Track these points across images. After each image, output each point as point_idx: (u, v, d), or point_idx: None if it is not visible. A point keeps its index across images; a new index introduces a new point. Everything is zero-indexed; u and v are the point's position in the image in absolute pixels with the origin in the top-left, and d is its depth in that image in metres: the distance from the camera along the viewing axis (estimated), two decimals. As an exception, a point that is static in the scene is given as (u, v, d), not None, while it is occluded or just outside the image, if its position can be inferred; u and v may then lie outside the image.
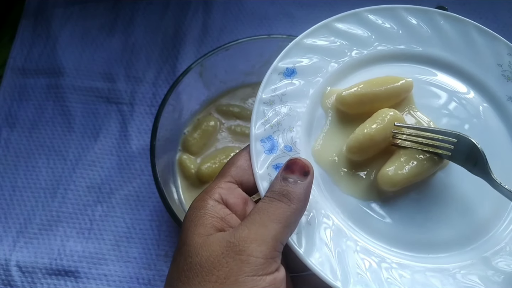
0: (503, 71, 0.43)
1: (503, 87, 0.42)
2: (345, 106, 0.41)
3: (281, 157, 0.38)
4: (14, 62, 0.67)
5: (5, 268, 0.57)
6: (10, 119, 0.64)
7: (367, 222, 0.38)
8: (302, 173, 0.35)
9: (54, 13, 0.69)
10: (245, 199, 0.36)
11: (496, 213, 0.40)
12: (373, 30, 0.43)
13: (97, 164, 0.61)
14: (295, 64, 0.41)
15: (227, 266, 0.31)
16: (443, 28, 0.43)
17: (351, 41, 0.43)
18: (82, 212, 0.59)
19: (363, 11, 0.43)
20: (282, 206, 0.33)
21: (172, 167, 0.58)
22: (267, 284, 0.31)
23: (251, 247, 0.31)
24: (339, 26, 0.43)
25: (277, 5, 0.69)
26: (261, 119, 0.39)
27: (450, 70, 0.43)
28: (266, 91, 0.40)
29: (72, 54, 0.66)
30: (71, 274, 0.57)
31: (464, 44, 0.43)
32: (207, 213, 0.34)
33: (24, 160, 0.62)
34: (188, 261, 0.32)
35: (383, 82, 0.41)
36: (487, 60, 0.43)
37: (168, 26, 0.68)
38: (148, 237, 0.58)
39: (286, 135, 0.39)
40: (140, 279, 0.57)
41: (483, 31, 0.43)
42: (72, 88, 0.65)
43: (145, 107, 0.64)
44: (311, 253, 0.35)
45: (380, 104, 0.41)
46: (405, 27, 0.43)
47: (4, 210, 0.60)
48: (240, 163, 0.37)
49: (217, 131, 0.59)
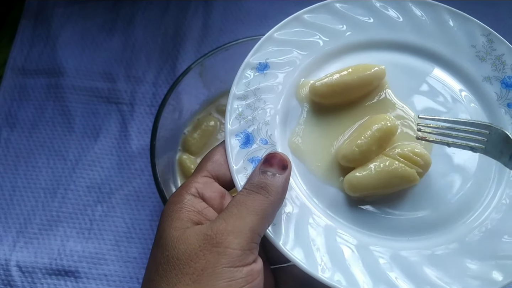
0: (477, 51, 0.43)
1: (478, 68, 0.43)
2: (318, 96, 0.41)
3: (257, 151, 0.39)
4: (14, 62, 0.67)
5: (5, 268, 0.57)
6: (10, 119, 0.64)
7: (346, 209, 0.39)
8: (281, 167, 0.35)
9: (54, 13, 0.69)
10: (222, 193, 0.37)
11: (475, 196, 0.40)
12: (344, 20, 0.43)
13: (97, 164, 0.61)
14: (267, 58, 0.41)
15: (204, 259, 0.31)
16: (415, 13, 0.44)
17: (322, 32, 0.43)
18: (82, 212, 0.59)
19: (332, 2, 0.43)
20: (260, 198, 0.34)
21: (172, 167, 0.58)
22: (244, 275, 0.32)
23: (228, 239, 0.32)
24: (309, 18, 0.43)
25: (277, 5, 0.69)
26: (235, 114, 0.40)
27: (423, 54, 0.43)
28: (239, 86, 0.41)
29: (72, 54, 0.66)
30: (71, 274, 0.57)
31: (436, 28, 0.43)
32: (184, 207, 0.34)
33: (24, 160, 0.62)
34: (165, 255, 0.32)
35: (355, 70, 0.41)
36: (461, 42, 0.43)
37: (168, 26, 0.68)
38: (148, 237, 0.58)
39: (261, 129, 0.40)
40: (140, 279, 0.57)
41: (455, 13, 0.44)
42: (72, 88, 0.65)
43: (145, 107, 0.64)
44: (289, 243, 0.36)
45: (354, 92, 0.41)
46: (376, 15, 0.43)
47: (4, 210, 0.60)
48: (216, 158, 0.38)
49: (217, 131, 0.59)
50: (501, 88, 0.42)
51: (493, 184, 0.40)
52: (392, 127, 0.39)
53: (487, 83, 0.42)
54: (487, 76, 0.42)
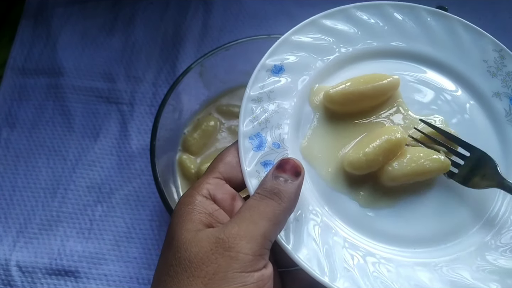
0: (489, 67, 0.43)
1: (488, 83, 0.43)
2: (332, 104, 0.41)
3: (269, 154, 0.38)
4: (14, 62, 0.67)
5: (5, 268, 0.57)
6: (10, 119, 0.64)
7: (354, 218, 0.39)
8: (294, 173, 0.35)
9: (54, 13, 0.69)
10: (233, 195, 0.37)
11: (480, 209, 0.40)
12: (360, 26, 0.43)
13: (97, 164, 0.61)
14: (283, 61, 0.41)
15: (216, 262, 0.31)
16: (430, 25, 0.44)
17: (338, 38, 0.43)
18: (82, 212, 0.59)
19: (350, 8, 0.43)
20: (272, 204, 0.34)
21: (172, 167, 0.58)
22: (255, 281, 0.32)
23: (240, 244, 0.32)
24: (326, 23, 0.43)
25: (277, 5, 0.69)
26: (249, 116, 0.39)
27: (436, 66, 0.44)
28: (254, 88, 0.40)
29: (72, 54, 0.66)
30: (71, 274, 0.57)
31: (450, 41, 0.44)
32: (195, 209, 0.34)
33: (24, 160, 0.62)
34: (177, 256, 0.32)
35: (370, 79, 0.41)
36: (473, 56, 0.43)
37: (168, 26, 0.68)
38: (148, 237, 0.58)
39: (274, 132, 0.39)
40: (140, 279, 0.57)
41: (469, 27, 0.44)
42: (72, 88, 0.65)
43: (145, 107, 0.64)
44: (299, 248, 0.36)
45: (367, 102, 0.41)
46: (391, 24, 0.44)
47: (4, 210, 0.60)
48: (228, 159, 0.38)
49: (217, 131, 0.59)
50: (510, 104, 0.42)
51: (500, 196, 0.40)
52: (401, 139, 0.39)
53: (496, 99, 0.42)
54: (497, 92, 0.42)
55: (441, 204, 0.40)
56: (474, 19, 0.44)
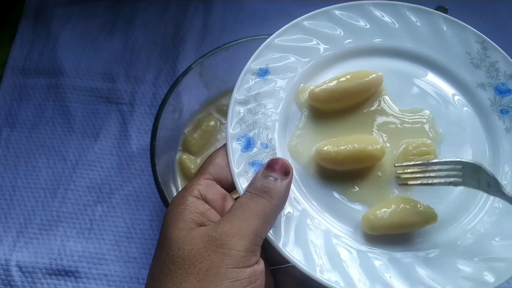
0: (472, 58, 0.43)
1: (472, 75, 0.43)
2: (317, 102, 0.42)
3: (258, 154, 0.39)
4: (14, 62, 0.67)
5: (5, 268, 0.57)
6: (10, 119, 0.64)
7: (343, 213, 0.40)
8: (283, 172, 0.36)
9: (54, 13, 0.69)
10: (223, 195, 0.38)
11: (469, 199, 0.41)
12: (342, 26, 0.44)
13: (97, 164, 0.61)
14: (268, 64, 0.42)
15: (208, 259, 0.32)
16: (411, 21, 0.44)
17: (321, 39, 0.44)
18: (82, 212, 0.59)
19: (331, 9, 0.44)
20: (263, 202, 0.35)
21: (172, 167, 0.58)
22: (247, 276, 0.32)
23: (232, 241, 0.33)
24: (309, 24, 0.44)
25: (277, 5, 0.69)
26: (236, 119, 0.40)
27: (420, 61, 0.44)
28: (240, 91, 0.41)
29: (72, 54, 0.66)
30: (71, 274, 0.57)
31: (432, 35, 0.44)
32: (187, 209, 0.35)
33: (24, 160, 0.62)
34: (171, 255, 0.33)
35: (353, 77, 0.42)
36: (456, 49, 0.44)
37: (168, 26, 0.68)
38: (148, 237, 0.58)
39: (261, 133, 0.40)
40: (140, 279, 0.57)
41: (450, 21, 0.44)
42: (72, 88, 0.65)
43: (145, 107, 0.64)
44: (289, 245, 0.37)
45: (352, 98, 0.42)
46: (373, 22, 0.44)
47: (4, 210, 0.60)
48: (217, 161, 0.39)
49: (217, 131, 0.59)
50: (495, 94, 0.43)
51: None
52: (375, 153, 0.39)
53: (481, 90, 0.43)
54: (481, 83, 0.43)
55: (431, 196, 0.40)
56: (474, 19, 0.45)
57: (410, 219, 0.38)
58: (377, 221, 0.38)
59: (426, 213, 0.38)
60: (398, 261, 0.38)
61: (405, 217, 0.38)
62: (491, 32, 0.44)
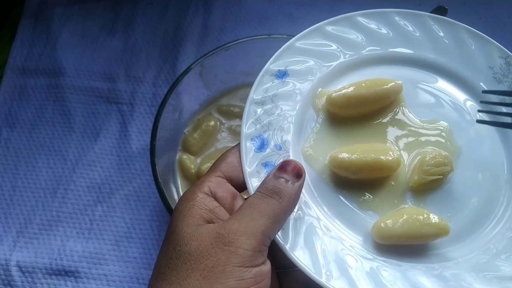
0: (494, 73, 0.43)
1: (494, 89, 0.43)
2: (334, 107, 0.41)
3: (271, 156, 0.39)
4: (14, 62, 0.67)
5: (5, 268, 0.57)
6: (10, 119, 0.64)
7: (354, 220, 0.39)
8: (295, 175, 0.36)
9: (54, 13, 0.69)
10: (233, 194, 0.38)
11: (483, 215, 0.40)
12: (364, 33, 0.44)
13: (97, 164, 0.61)
14: (287, 66, 0.42)
15: (215, 256, 0.32)
16: (435, 32, 0.44)
17: (342, 44, 0.43)
18: (82, 212, 0.59)
19: (355, 15, 0.44)
20: (273, 203, 0.34)
21: (172, 167, 0.58)
22: (253, 275, 0.32)
23: (240, 240, 0.32)
24: (331, 29, 0.43)
25: (277, 5, 0.69)
26: (252, 119, 0.40)
27: (441, 72, 0.44)
28: (257, 91, 0.41)
29: (72, 54, 0.66)
30: (71, 274, 0.57)
31: (455, 47, 0.44)
32: (196, 205, 0.35)
33: (24, 160, 0.62)
34: (177, 249, 0.33)
35: (372, 84, 0.41)
36: (479, 62, 0.43)
37: (168, 26, 0.68)
38: (148, 237, 0.58)
39: (276, 135, 0.40)
40: (140, 279, 0.57)
41: (475, 34, 0.44)
42: (72, 88, 0.65)
43: (145, 107, 0.64)
44: (296, 248, 0.36)
45: (370, 106, 0.41)
46: (396, 31, 0.44)
47: (4, 210, 0.60)
48: (230, 159, 0.39)
49: (217, 131, 0.59)
50: None
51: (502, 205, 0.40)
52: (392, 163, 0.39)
53: (502, 105, 0.42)
54: (502, 98, 0.42)
55: (445, 209, 0.40)
56: (474, 19, 0.45)
57: (421, 231, 0.37)
58: (387, 231, 0.37)
59: (438, 226, 0.37)
60: (407, 273, 0.37)
61: (416, 228, 0.37)
62: (491, 32, 0.44)
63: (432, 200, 0.40)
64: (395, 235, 0.37)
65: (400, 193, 0.40)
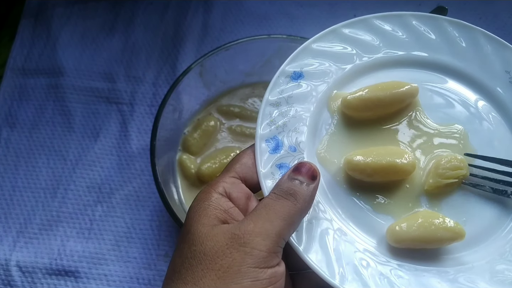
0: (511, 78, 0.43)
1: (510, 94, 0.42)
2: (350, 109, 0.41)
3: (285, 157, 0.39)
4: (14, 62, 0.67)
5: (5, 268, 0.57)
6: (10, 119, 0.64)
7: (368, 223, 0.39)
8: (310, 177, 0.36)
9: (54, 13, 0.69)
10: (248, 195, 0.38)
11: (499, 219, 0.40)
12: (380, 36, 0.43)
13: (97, 164, 0.61)
14: (303, 68, 0.42)
15: (230, 257, 0.32)
16: (451, 35, 0.44)
17: (358, 47, 0.43)
18: (82, 212, 0.59)
19: (371, 18, 0.44)
20: (288, 204, 0.34)
21: (172, 167, 0.58)
22: (268, 277, 0.32)
23: (255, 241, 0.32)
24: (346, 32, 0.43)
25: (277, 5, 0.69)
26: (267, 120, 0.40)
27: (457, 76, 0.44)
28: (273, 93, 0.41)
29: (72, 54, 0.66)
30: (71, 274, 0.57)
31: (471, 51, 0.43)
32: (211, 205, 0.35)
33: (24, 160, 0.62)
34: (192, 249, 0.33)
35: (388, 87, 0.41)
36: (495, 66, 0.43)
37: (168, 26, 0.68)
38: (148, 237, 0.58)
39: (291, 136, 0.40)
40: (140, 279, 0.57)
41: (491, 38, 0.43)
42: (72, 88, 0.65)
43: (145, 107, 0.64)
44: (310, 250, 0.36)
45: (385, 108, 0.41)
46: (412, 34, 0.44)
47: (4, 210, 0.60)
48: (245, 160, 0.39)
49: (217, 131, 0.59)
50: None
51: None
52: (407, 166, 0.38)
53: None
54: None
55: (460, 213, 0.39)
56: (474, 19, 0.45)
57: (437, 234, 0.37)
58: (402, 234, 0.37)
59: (454, 230, 0.37)
60: (421, 277, 0.37)
61: (431, 232, 0.37)
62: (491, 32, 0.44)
63: (447, 204, 0.39)
64: (410, 239, 0.37)
65: (415, 197, 0.39)
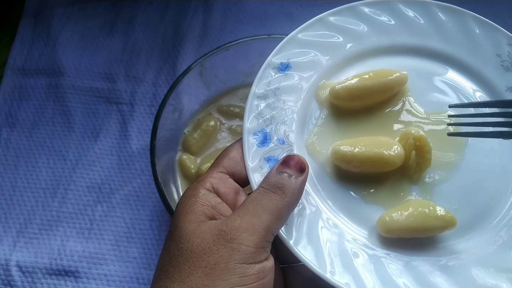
0: (502, 61, 0.42)
1: (502, 78, 0.42)
2: (338, 99, 0.41)
3: (274, 150, 0.38)
4: (14, 62, 0.67)
5: (5, 268, 0.57)
6: (10, 119, 0.64)
7: (358, 214, 0.39)
8: (298, 169, 0.35)
9: (54, 13, 0.69)
10: (236, 189, 0.37)
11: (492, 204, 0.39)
12: (368, 23, 0.43)
13: (97, 164, 0.61)
14: (289, 58, 0.41)
15: (217, 253, 0.32)
16: (440, 20, 0.43)
17: (345, 35, 0.42)
18: (82, 212, 0.59)
19: (358, 5, 0.43)
20: (276, 198, 0.34)
21: (172, 167, 0.58)
22: (255, 272, 0.32)
23: (242, 236, 0.32)
24: (333, 20, 0.42)
25: (277, 5, 0.69)
26: (254, 113, 0.39)
27: (447, 61, 0.43)
28: (259, 85, 0.40)
29: (72, 54, 0.66)
30: (71, 274, 0.57)
31: (462, 35, 0.43)
32: (198, 201, 0.35)
33: (24, 160, 0.62)
34: (179, 247, 0.33)
35: (376, 75, 0.40)
36: (486, 50, 0.42)
37: (168, 26, 0.68)
38: (148, 237, 0.58)
39: (279, 129, 0.39)
40: (140, 279, 0.57)
41: (482, 21, 0.43)
42: (72, 88, 0.65)
43: (145, 107, 0.64)
44: (300, 243, 0.36)
45: (374, 97, 0.41)
46: (401, 20, 0.43)
47: (4, 210, 0.60)
48: (232, 154, 0.38)
49: (217, 131, 0.59)
50: None
51: (510, 196, 0.39)
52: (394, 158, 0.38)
53: (510, 93, 0.41)
54: (511, 87, 0.42)
55: (452, 201, 0.39)
56: (474, 19, 0.44)
57: (427, 223, 0.36)
58: (393, 224, 0.37)
59: (444, 218, 0.37)
60: (413, 267, 0.36)
61: (422, 220, 0.36)
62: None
63: (439, 192, 0.39)
64: (401, 229, 0.37)
65: (406, 185, 0.39)
